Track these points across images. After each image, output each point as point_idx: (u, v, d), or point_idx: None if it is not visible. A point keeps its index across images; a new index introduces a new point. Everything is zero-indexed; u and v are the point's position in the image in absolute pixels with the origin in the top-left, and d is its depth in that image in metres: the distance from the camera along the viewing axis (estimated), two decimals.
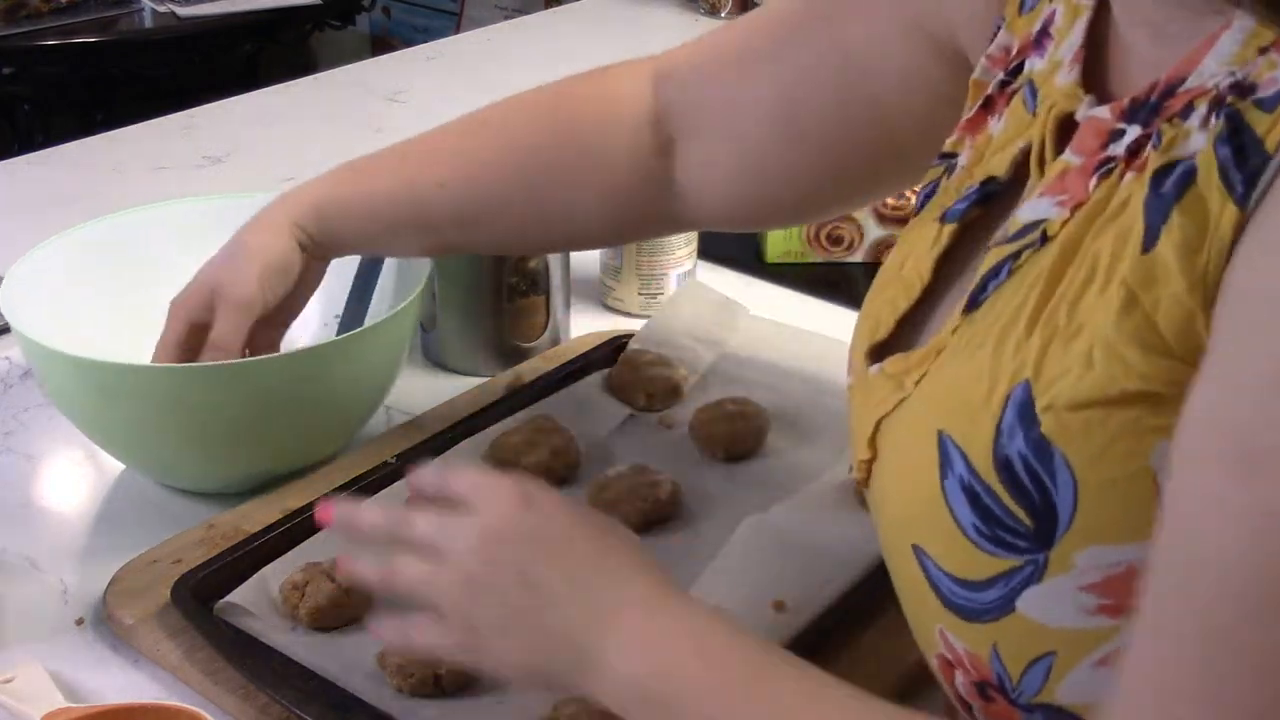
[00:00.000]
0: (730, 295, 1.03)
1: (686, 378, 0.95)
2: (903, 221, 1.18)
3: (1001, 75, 0.60)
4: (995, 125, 0.60)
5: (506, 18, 2.35)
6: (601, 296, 1.13)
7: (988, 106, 0.61)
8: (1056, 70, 0.56)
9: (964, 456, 0.51)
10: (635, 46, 0.88)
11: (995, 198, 0.58)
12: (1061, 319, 0.49)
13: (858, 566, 0.76)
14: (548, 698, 0.67)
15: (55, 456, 0.94)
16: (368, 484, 0.82)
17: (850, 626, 0.73)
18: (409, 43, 2.55)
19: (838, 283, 1.17)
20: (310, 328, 0.96)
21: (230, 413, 0.82)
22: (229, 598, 0.73)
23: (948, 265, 0.59)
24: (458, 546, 0.58)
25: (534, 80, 0.88)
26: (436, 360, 1.03)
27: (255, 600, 0.73)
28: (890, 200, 1.17)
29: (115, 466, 0.92)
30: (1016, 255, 0.52)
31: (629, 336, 0.99)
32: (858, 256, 1.19)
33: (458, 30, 3.03)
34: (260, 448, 0.85)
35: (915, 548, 0.54)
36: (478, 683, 0.69)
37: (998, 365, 0.50)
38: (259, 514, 0.81)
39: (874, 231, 1.18)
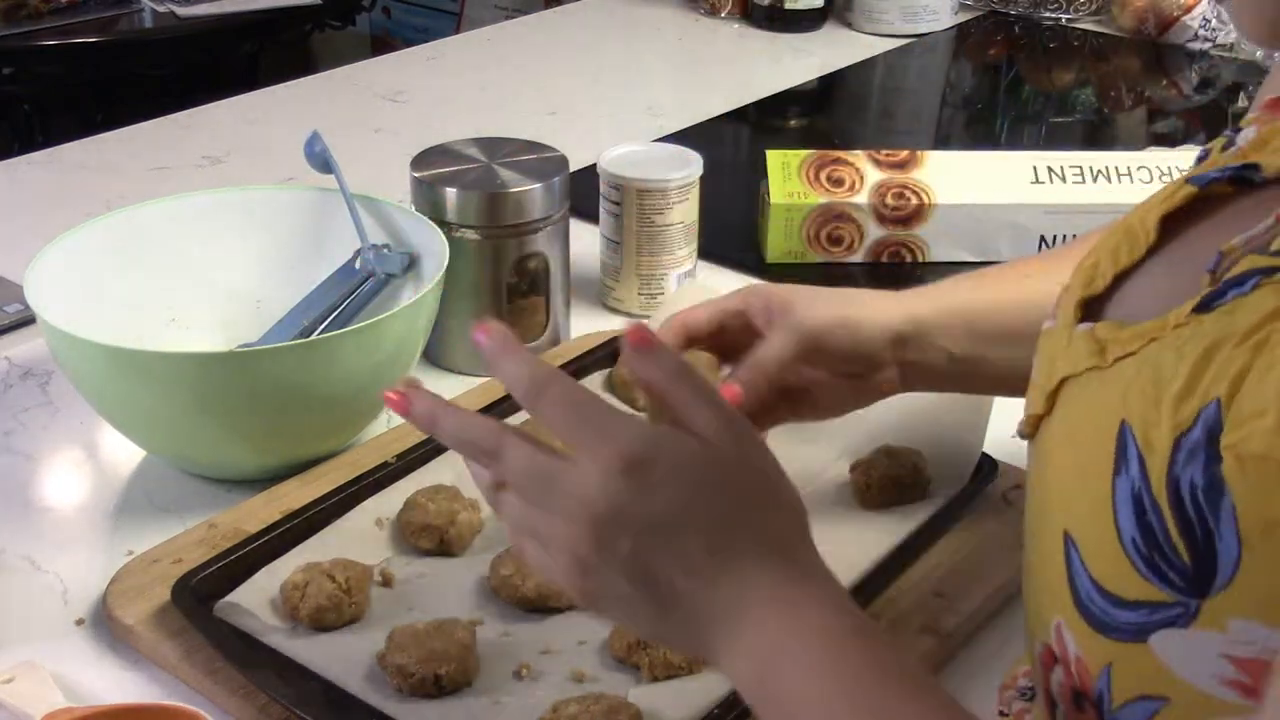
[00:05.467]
0: None
1: None
2: (903, 222, 1.18)
3: None
4: None
5: (507, 18, 2.35)
6: (601, 296, 1.13)
7: None
8: None
9: (1141, 461, 0.46)
10: (635, 46, 0.88)
11: (1250, 187, 0.53)
12: None
13: (858, 568, 0.76)
14: (548, 698, 0.67)
15: (55, 456, 0.94)
16: (368, 483, 0.82)
17: None
18: (409, 43, 2.55)
19: (838, 283, 1.15)
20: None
21: (248, 399, 0.83)
22: (229, 598, 0.73)
23: (1172, 227, 0.54)
24: (559, 529, 0.52)
25: (534, 80, 0.88)
26: (437, 360, 1.02)
27: (255, 600, 0.73)
28: (890, 200, 1.17)
29: (116, 467, 0.92)
30: (1272, 272, 0.46)
31: None
32: (858, 257, 1.19)
33: (458, 30, 3.03)
34: (276, 434, 0.86)
35: (1066, 535, 0.50)
36: (478, 683, 0.69)
37: (1200, 373, 0.45)
38: (259, 514, 0.81)
39: (874, 232, 1.18)
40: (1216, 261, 0.48)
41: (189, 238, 0.99)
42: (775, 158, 1.20)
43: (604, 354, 0.98)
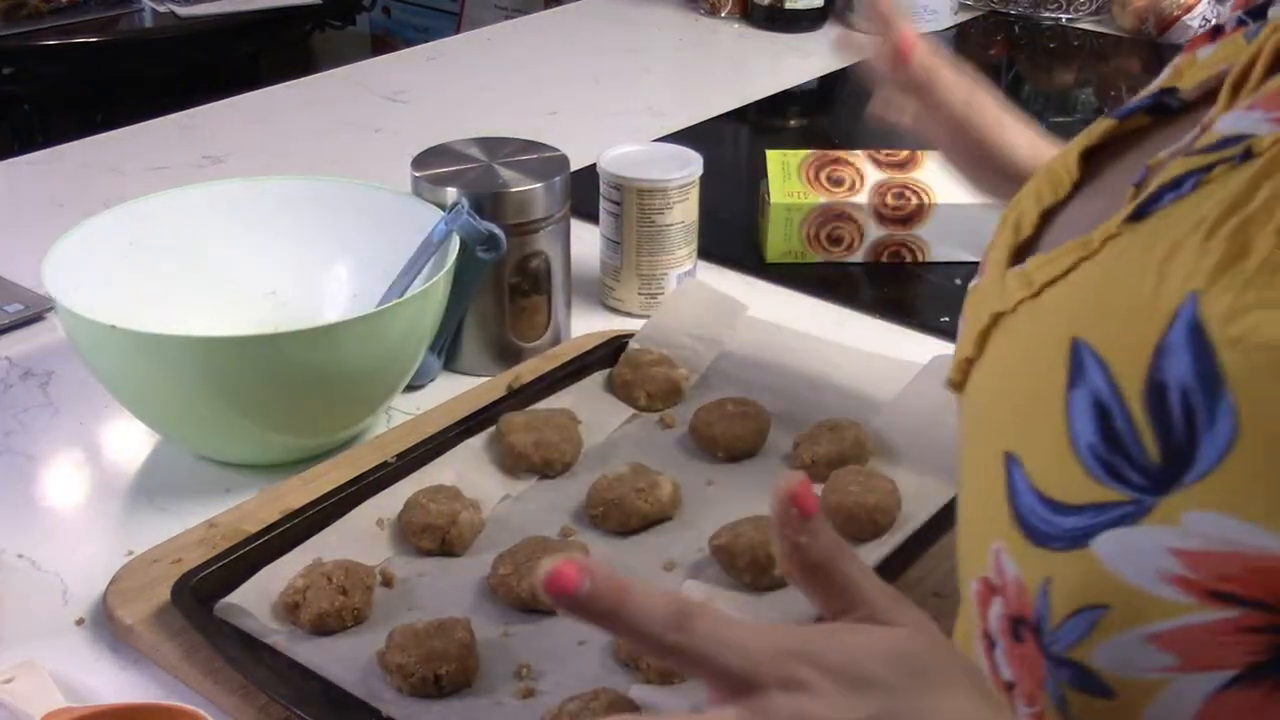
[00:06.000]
0: (730, 295, 1.03)
1: (687, 377, 0.95)
2: (903, 222, 1.18)
3: (1240, 14, 0.55)
4: (1206, 52, 0.54)
5: (507, 17, 2.35)
6: (601, 296, 1.13)
7: (1215, 36, 0.55)
8: None
9: (1105, 370, 0.45)
10: (635, 46, 0.88)
11: (1168, 112, 0.53)
12: (1263, 242, 0.42)
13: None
14: (548, 698, 0.67)
15: (55, 456, 0.94)
16: (368, 483, 0.82)
17: None
18: (409, 43, 2.55)
19: (838, 283, 1.17)
20: (339, 304, 1.00)
21: (259, 383, 0.84)
22: (229, 598, 0.73)
23: (1095, 164, 0.55)
24: None
25: (534, 80, 0.88)
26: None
27: (255, 601, 0.73)
28: (890, 200, 1.17)
29: (116, 466, 0.92)
30: (1207, 169, 0.45)
31: (629, 336, 0.99)
32: (858, 256, 1.19)
33: (458, 30, 3.03)
34: (287, 419, 0.88)
35: (1008, 455, 0.49)
36: (478, 683, 0.69)
37: (1166, 275, 0.44)
38: (259, 514, 0.81)
39: (874, 231, 1.18)
40: (1143, 175, 0.48)
41: (203, 228, 1.00)
42: (775, 158, 1.20)
43: (604, 354, 0.98)
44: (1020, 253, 0.55)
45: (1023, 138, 0.84)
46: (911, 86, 0.84)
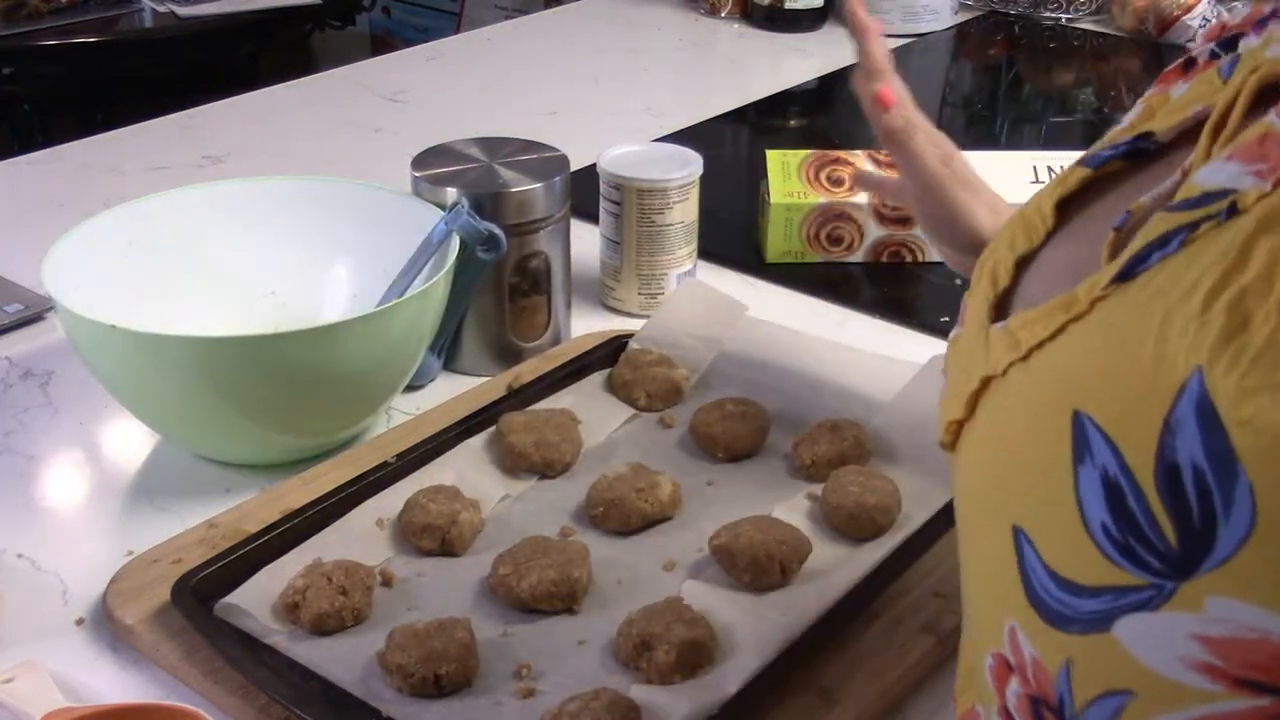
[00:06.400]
0: (730, 295, 1.03)
1: (687, 377, 0.95)
2: (903, 222, 1.18)
3: (1212, 47, 0.54)
4: (1179, 90, 0.53)
5: (507, 17, 2.35)
6: (601, 296, 1.13)
7: (1188, 70, 0.54)
8: (1270, 44, 0.49)
9: (1112, 447, 0.44)
10: (635, 46, 0.88)
11: (1145, 156, 0.52)
12: (1263, 318, 0.41)
13: (859, 567, 0.76)
14: (548, 698, 0.67)
15: (55, 456, 0.94)
16: (368, 483, 0.82)
17: (850, 627, 0.73)
18: (409, 43, 2.55)
19: (838, 283, 1.17)
20: (339, 304, 1.00)
21: (258, 382, 0.84)
22: (229, 598, 0.73)
23: (1070, 210, 0.54)
24: None
25: (534, 80, 0.88)
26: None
27: (255, 601, 0.73)
28: (890, 200, 1.17)
29: (116, 466, 0.92)
30: (1194, 226, 0.44)
31: (629, 336, 0.99)
32: (858, 256, 1.19)
33: (458, 30, 3.03)
34: (286, 418, 0.88)
35: (1017, 530, 0.48)
36: (478, 683, 0.69)
37: (1165, 346, 0.42)
38: (259, 514, 0.81)
39: (874, 232, 1.18)
40: (1124, 219, 0.47)
41: (203, 228, 1.00)
42: (775, 158, 1.20)
43: (604, 354, 0.98)
44: (999, 304, 0.54)
45: (986, 204, 0.86)
46: (886, 137, 0.86)
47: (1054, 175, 1.18)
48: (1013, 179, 1.20)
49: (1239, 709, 0.42)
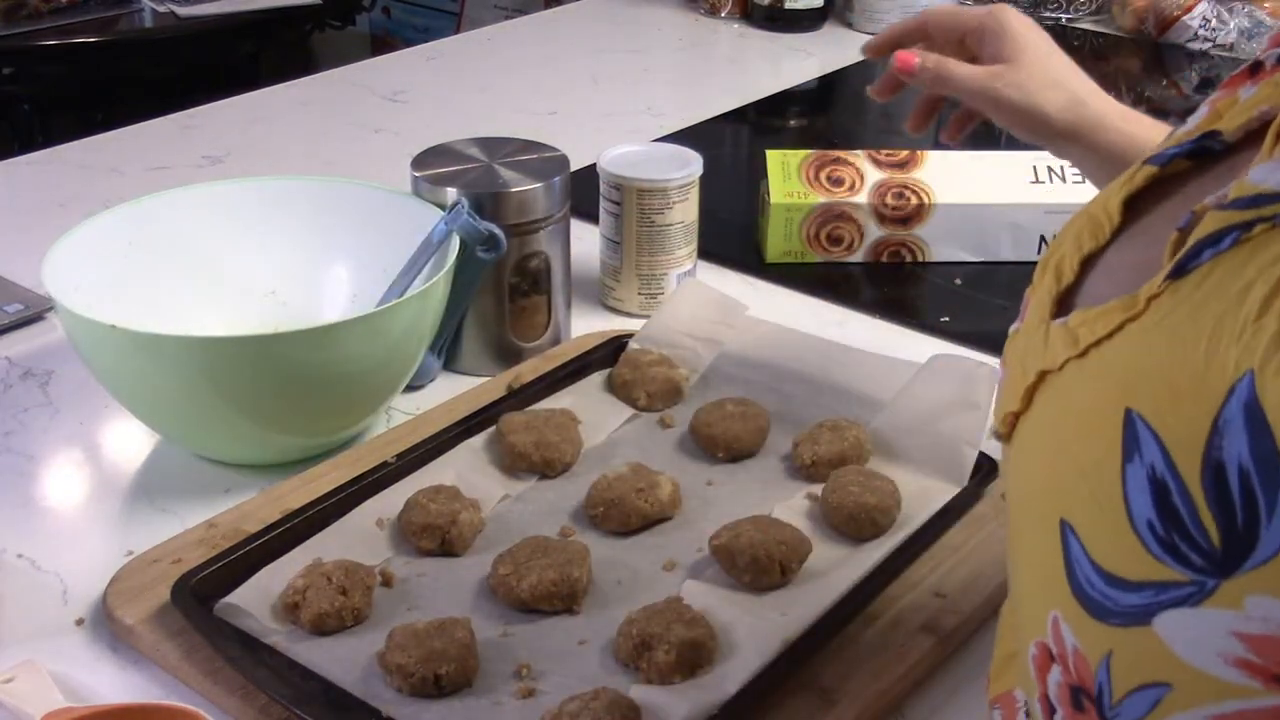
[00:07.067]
0: (730, 295, 1.03)
1: (687, 377, 0.95)
2: (903, 222, 1.18)
3: (1279, 52, 0.54)
4: (1248, 92, 0.54)
5: (506, 17, 2.35)
6: (601, 296, 1.13)
7: (1255, 74, 0.55)
8: None
9: (1161, 446, 0.44)
10: (635, 46, 0.88)
11: (1211, 156, 0.52)
12: None
13: (860, 566, 0.76)
14: (548, 698, 0.67)
15: (55, 456, 0.94)
16: (368, 483, 0.82)
17: (850, 627, 0.73)
18: (409, 43, 2.56)
19: (838, 283, 1.17)
20: (339, 304, 1.00)
21: (259, 382, 0.84)
22: (229, 598, 0.73)
23: (1135, 209, 0.54)
24: None
25: (534, 80, 0.88)
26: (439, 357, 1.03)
27: (255, 601, 0.73)
28: (890, 200, 1.17)
29: (115, 466, 0.92)
30: (1248, 226, 0.44)
31: (629, 336, 0.99)
32: (858, 256, 1.19)
33: (458, 30, 3.03)
34: (287, 418, 0.88)
35: (1064, 523, 0.49)
36: (478, 683, 0.69)
37: (1216, 348, 0.43)
38: (259, 514, 0.81)
39: (874, 232, 1.18)
40: (1188, 220, 0.47)
41: (203, 228, 1.00)
42: (775, 158, 1.20)
43: (604, 354, 0.98)
44: (1062, 300, 0.54)
45: (1049, 88, 0.90)
46: (931, 88, 0.93)
47: (1054, 175, 1.20)
48: (1013, 179, 1.20)
49: (1275, 705, 0.42)
